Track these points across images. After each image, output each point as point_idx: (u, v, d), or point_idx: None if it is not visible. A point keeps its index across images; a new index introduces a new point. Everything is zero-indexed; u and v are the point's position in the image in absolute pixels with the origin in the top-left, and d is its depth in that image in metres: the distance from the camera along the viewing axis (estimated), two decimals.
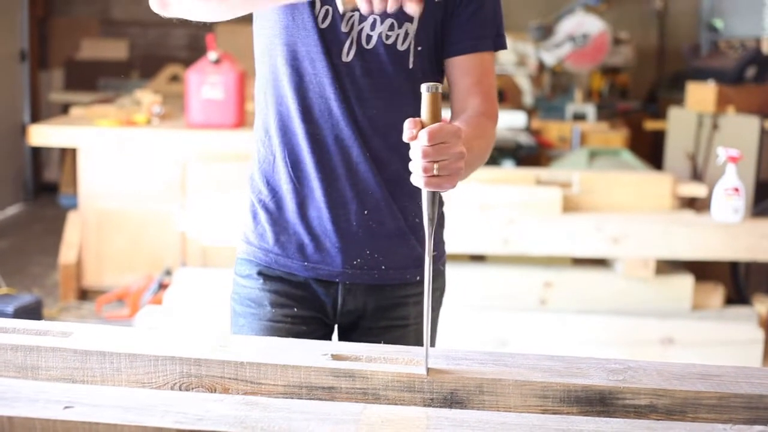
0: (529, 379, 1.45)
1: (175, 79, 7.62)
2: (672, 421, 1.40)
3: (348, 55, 1.82)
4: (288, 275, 1.91)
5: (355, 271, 1.90)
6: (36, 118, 7.99)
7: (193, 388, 1.48)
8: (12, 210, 7.76)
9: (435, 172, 1.49)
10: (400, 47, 1.83)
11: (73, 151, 5.89)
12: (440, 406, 1.44)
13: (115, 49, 8.69)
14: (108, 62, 8.56)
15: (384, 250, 1.90)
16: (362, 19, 1.80)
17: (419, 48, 1.84)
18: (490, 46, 1.88)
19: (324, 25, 1.81)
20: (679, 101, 6.23)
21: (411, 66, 1.84)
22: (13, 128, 7.90)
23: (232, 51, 5.52)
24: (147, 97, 5.67)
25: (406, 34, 1.82)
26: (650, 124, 6.79)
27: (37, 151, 8.13)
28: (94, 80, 8.33)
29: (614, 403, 1.43)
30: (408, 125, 1.49)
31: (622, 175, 4.56)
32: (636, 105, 7.77)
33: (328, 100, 1.83)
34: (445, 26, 1.86)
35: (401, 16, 1.79)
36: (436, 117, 1.50)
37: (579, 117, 6.57)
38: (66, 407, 1.28)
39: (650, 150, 7.19)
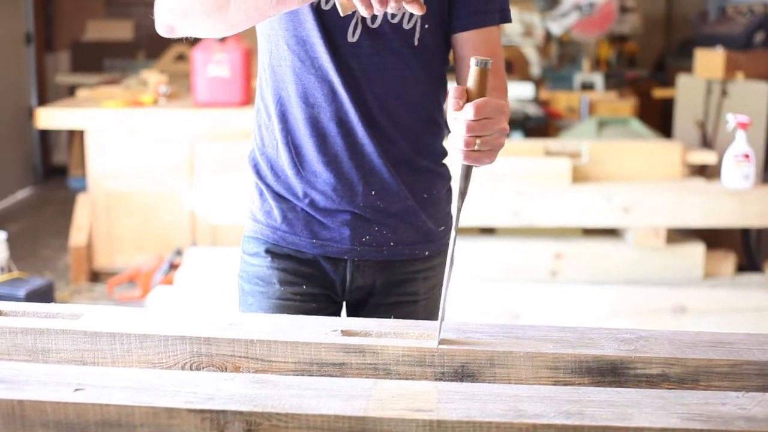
0: (540, 350, 1.45)
1: (181, 58, 7.60)
2: (684, 389, 1.40)
3: (354, 35, 1.79)
4: (296, 252, 1.90)
5: (364, 248, 1.89)
6: (43, 100, 7.99)
7: (203, 367, 1.48)
8: (22, 194, 7.77)
9: (476, 147, 1.47)
10: (406, 26, 1.80)
11: (81, 133, 5.90)
12: (451, 380, 1.44)
13: (121, 30, 8.67)
14: (114, 43, 8.54)
15: (393, 227, 1.89)
16: None
17: (426, 26, 1.82)
18: (495, 20, 1.85)
19: (327, 7, 1.78)
20: (688, 68, 6.19)
21: (417, 43, 1.82)
22: (20, 111, 7.90)
23: None
24: (153, 77, 5.65)
25: (411, 14, 1.80)
26: (659, 92, 6.76)
27: (45, 134, 8.13)
28: (100, 61, 8.32)
29: (626, 373, 1.43)
30: (454, 94, 1.48)
31: (632, 144, 4.54)
32: (644, 73, 7.73)
33: (332, 83, 1.81)
34: (451, 1, 1.84)
35: None
36: (482, 91, 1.48)
37: (587, 86, 6.54)
38: (76, 389, 1.28)
39: (659, 118, 7.16)
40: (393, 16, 1.78)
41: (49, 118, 5.23)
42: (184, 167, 5.12)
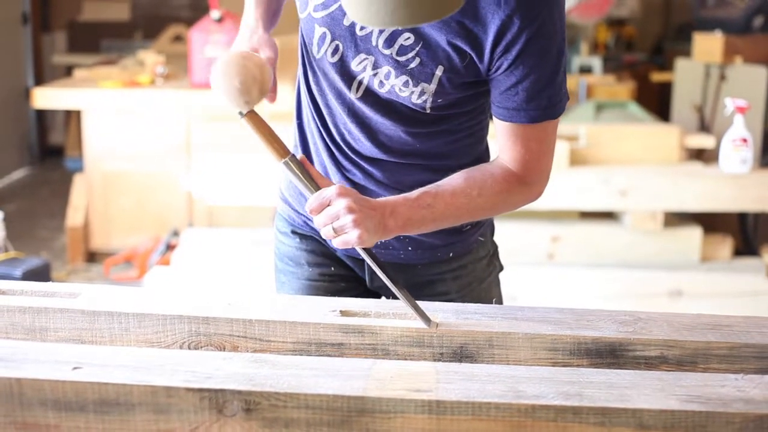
0: (539, 332, 1.45)
1: (178, 39, 7.57)
2: (683, 371, 1.40)
3: (357, 92, 1.69)
4: (320, 236, 1.82)
5: (379, 251, 1.80)
6: (39, 81, 7.95)
7: (202, 347, 1.48)
8: (18, 174, 7.75)
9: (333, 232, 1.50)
10: (415, 100, 1.66)
11: (78, 113, 5.88)
12: (450, 361, 1.44)
13: (117, 10, 8.63)
14: (110, 23, 8.50)
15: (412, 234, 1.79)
16: (376, 66, 1.64)
17: (439, 101, 1.66)
18: (524, 118, 1.62)
19: (334, 60, 1.67)
20: (686, 52, 6.18)
21: (429, 111, 1.68)
22: (16, 92, 7.87)
23: (234, 9, 5.47)
24: (150, 58, 5.63)
25: (423, 92, 1.64)
26: (657, 76, 6.74)
27: (41, 115, 8.10)
28: (97, 42, 8.28)
29: (624, 355, 1.43)
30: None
31: (629, 127, 4.53)
32: (642, 57, 7.71)
33: (346, 123, 1.75)
34: (485, 82, 1.65)
35: (418, 75, 1.62)
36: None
37: (585, 70, 6.52)
38: (75, 368, 1.28)
39: (657, 102, 7.14)
40: (401, 89, 1.65)
41: (46, 98, 5.21)
42: (181, 148, 5.10)
